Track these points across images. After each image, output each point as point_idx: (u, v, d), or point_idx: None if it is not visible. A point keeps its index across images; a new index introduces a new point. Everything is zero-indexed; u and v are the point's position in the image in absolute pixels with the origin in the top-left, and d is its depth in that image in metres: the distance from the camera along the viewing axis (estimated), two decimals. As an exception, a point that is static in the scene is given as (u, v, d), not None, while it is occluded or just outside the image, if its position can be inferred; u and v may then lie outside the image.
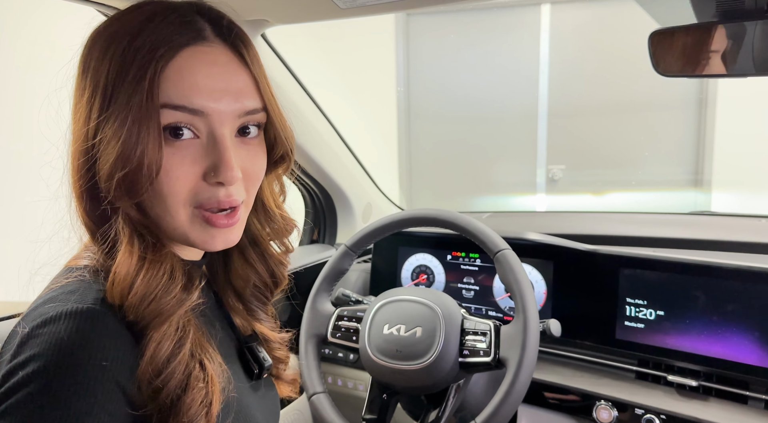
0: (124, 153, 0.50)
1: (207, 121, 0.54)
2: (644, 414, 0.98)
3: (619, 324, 1.07)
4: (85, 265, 0.55)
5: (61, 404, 0.44)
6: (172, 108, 0.52)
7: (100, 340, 0.48)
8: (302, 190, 1.57)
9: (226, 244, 0.59)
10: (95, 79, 0.52)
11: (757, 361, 0.94)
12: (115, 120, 0.50)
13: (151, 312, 0.51)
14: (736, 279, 0.96)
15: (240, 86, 0.56)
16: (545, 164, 3.55)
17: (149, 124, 0.50)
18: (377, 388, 0.98)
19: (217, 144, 0.54)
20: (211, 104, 0.53)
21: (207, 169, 0.54)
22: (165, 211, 0.54)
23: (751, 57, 0.89)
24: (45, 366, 0.45)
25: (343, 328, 1.02)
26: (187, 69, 0.53)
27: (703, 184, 3.22)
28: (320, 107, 1.32)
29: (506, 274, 0.92)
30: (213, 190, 0.54)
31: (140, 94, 0.50)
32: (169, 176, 0.52)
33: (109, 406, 0.47)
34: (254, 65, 0.58)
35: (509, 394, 0.83)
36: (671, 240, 1.22)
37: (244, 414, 0.62)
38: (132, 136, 0.50)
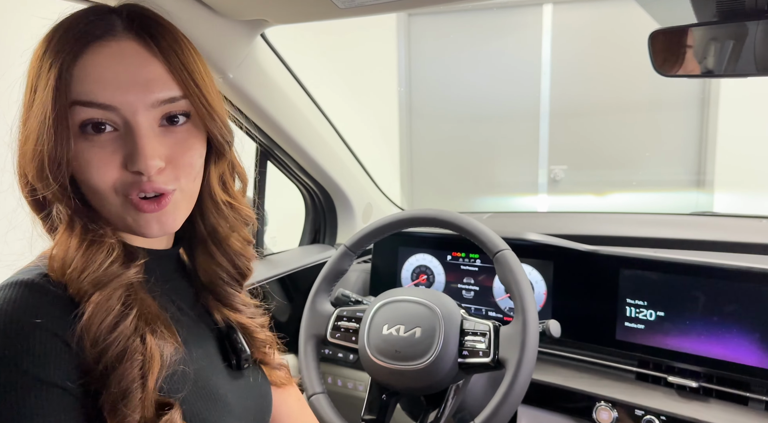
0: (36, 148, 0.54)
1: (120, 114, 0.55)
2: (644, 415, 0.97)
3: (619, 325, 1.07)
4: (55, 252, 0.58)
5: (6, 363, 0.48)
6: (81, 105, 0.54)
7: (35, 303, 0.51)
8: (302, 190, 1.57)
9: (163, 229, 0.60)
10: (29, 77, 0.56)
11: (757, 362, 0.93)
12: (34, 117, 0.54)
13: (87, 283, 0.54)
14: (737, 280, 0.96)
15: (149, 76, 0.57)
16: (547, 164, 3.54)
17: (57, 122, 0.53)
18: (376, 389, 0.98)
19: (132, 134, 0.56)
20: (118, 97, 0.55)
21: (124, 158, 0.56)
22: (100, 201, 0.57)
23: (753, 57, 0.88)
24: None
25: (343, 329, 1.02)
26: (92, 65, 0.55)
27: (705, 184, 3.21)
28: (320, 107, 1.32)
29: (506, 275, 0.92)
30: (135, 177, 0.56)
31: (50, 92, 0.53)
32: (91, 167, 0.55)
33: (54, 357, 0.50)
34: (167, 54, 0.58)
35: (508, 394, 0.83)
36: (672, 240, 1.22)
37: (209, 393, 0.64)
38: (42, 133, 0.53)
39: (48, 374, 0.50)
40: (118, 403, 0.52)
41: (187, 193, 0.62)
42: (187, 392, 0.60)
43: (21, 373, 0.48)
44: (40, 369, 0.49)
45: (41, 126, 0.53)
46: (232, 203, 0.71)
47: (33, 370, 0.49)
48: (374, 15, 0.91)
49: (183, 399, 0.59)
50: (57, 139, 0.53)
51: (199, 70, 0.61)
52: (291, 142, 1.27)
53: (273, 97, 1.15)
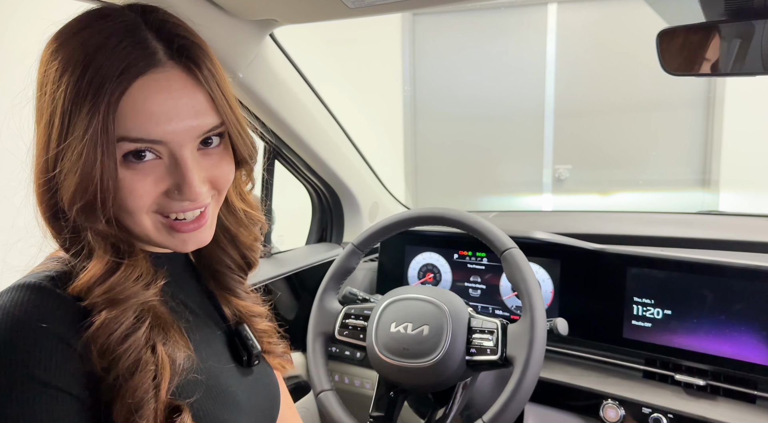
0: (81, 185, 0.52)
1: (166, 147, 0.55)
2: (651, 413, 0.98)
3: (626, 323, 1.07)
4: (59, 256, 0.58)
5: (10, 366, 0.48)
6: (130, 141, 0.53)
7: (42, 307, 0.51)
8: (309, 189, 1.57)
9: (199, 244, 0.61)
10: (52, 104, 0.53)
11: (765, 360, 0.94)
12: (72, 152, 0.52)
13: (101, 297, 0.53)
14: (744, 278, 0.96)
15: (196, 108, 0.56)
16: (551, 164, 3.54)
17: (105, 157, 0.51)
18: (384, 386, 0.99)
19: (179, 165, 0.55)
20: (168, 131, 0.54)
21: (170, 187, 0.56)
22: (132, 222, 0.57)
23: (760, 56, 0.88)
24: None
25: (351, 326, 1.03)
26: (141, 100, 0.53)
27: (710, 184, 3.20)
28: (328, 107, 1.32)
29: (513, 273, 0.92)
30: (176, 201, 0.57)
31: (95, 128, 0.51)
32: (133, 195, 0.54)
33: (58, 361, 0.50)
34: (209, 82, 0.58)
35: (516, 392, 0.84)
36: (679, 239, 1.22)
37: (219, 393, 0.64)
38: (87, 170, 0.51)
39: (53, 379, 0.50)
40: (132, 414, 0.52)
41: (219, 203, 0.64)
42: (199, 395, 0.60)
43: (27, 377, 0.48)
44: (45, 373, 0.49)
45: (86, 163, 0.51)
46: (247, 211, 0.73)
47: (38, 374, 0.49)
48: (383, 14, 0.91)
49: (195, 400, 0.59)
50: (105, 175, 0.52)
51: (229, 90, 0.61)
52: (299, 141, 1.28)
53: (282, 96, 1.16)
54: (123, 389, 0.52)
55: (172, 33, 0.57)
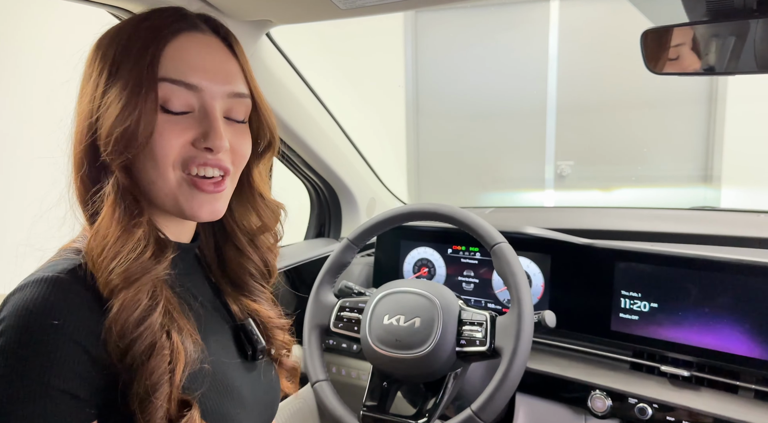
0: (123, 111, 0.56)
1: (200, 97, 0.60)
2: (637, 403, 1.00)
3: (614, 316, 1.09)
4: (74, 247, 0.60)
5: (20, 360, 0.50)
6: (170, 82, 0.59)
7: (57, 302, 0.52)
8: (308, 185, 1.60)
9: (212, 213, 0.64)
10: (103, 61, 0.59)
11: (747, 351, 0.96)
12: (118, 86, 0.57)
13: (117, 275, 0.55)
14: (728, 272, 0.98)
15: (230, 70, 0.64)
16: (554, 160, 3.55)
17: (147, 91, 0.57)
18: (378, 377, 1.02)
19: (208, 115, 0.61)
20: (204, 82, 0.60)
21: (197, 135, 0.60)
22: (156, 175, 0.60)
23: (753, 54, 0.90)
24: (8, 327, 0.51)
25: (345, 319, 1.06)
26: (185, 49, 0.60)
27: (712, 180, 3.21)
28: (325, 105, 1.35)
29: (502, 267, 0.95)
30: (200, 152, 0.61)
31: (141, 66, 0.57)
32: (162, 138, 0.58)
33: (70, 364, 0.51)
34: (241, 57, 0.66)
35: (504, 381, 0.86)
36: (670, 234, 1.24)
37: (224, 386, 0.66)
38: (132, 97, 0.56)
39: (63, 382, 0.51)
40: (148, 397, 0.54)
41: (234, 182, 0.68)
42: (206, 387, 0.62)
43: (37, 378, 0.50)
44: (57, 378, 0.50)
45: (131, 92, 0.56)
46: (269, 200, 0.77)
47: (48, 377, 0.50)
48: (374, 15, 0.94)
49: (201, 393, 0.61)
50: (144, 110, 0.56)
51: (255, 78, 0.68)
52: (296, 138, 1.30)
53: (279, 95, 1.18)
54: (139, 373, 0.54)
55: (212, 18, 0.66)
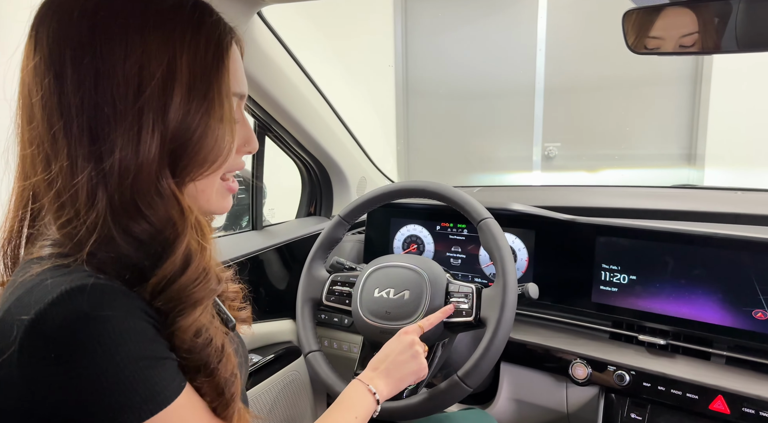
0: (219, 143, 0.56)
1: (240, 103, 0.64)
2: (616, 370, 1.05)
3: (594, 288, 1.14)
4: (50, 253, 0.53)
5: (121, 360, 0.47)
6: (239, 97, 0.61)
7: (117, 300, 0.49)
8: (299, 164, 1.62)
9: (228, 208, 0.66)
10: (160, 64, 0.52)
11: (719, 320, 1.01)
12: (201, 108, 0.54)
13: (182, 302, 0.53)
14: (703, 245, 1.03)
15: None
16: (541, 141, 3.58)
17: (230, 111, 0.58)
18: (368, 347, 1.06)
19: (245, 122, 0.64)
20: (246, 88, 0.64)
21: (241, 142, 0.63)
22: (206, 187, 0.59)
23: (734, 34, 0.93)
24: (75, 339, 0.46)
25: (337, 293, 1.09)
26: (236, 58, 0.61)
27: (696, 159, 3.26)
28: (316, 84, 1.37)
29: (488, 241, 0.99)
30: (238, 158, 0.64)
31: (224, 81, 0.57)
32: (230, 151, 0.60)
33: (151, 334, 0.51)
34: None
35: (488, 349, 0.91)
36: (651, 211, 1.28)
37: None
38: (219, 124, 0.56)
39: (160, 351, 0.52)
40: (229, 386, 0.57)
41: None
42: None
43: (144, 358, 0.49)
44: (153, 349, 0.51)
45: (220, 116, 0.56)
46: None
47: (149, 352, 0.50)
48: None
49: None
50: (230, 127, 0.58)
51: None
52: (288, 117, 1.32)
53: (270, 74, 1.20)
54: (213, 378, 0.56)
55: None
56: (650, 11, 0.93)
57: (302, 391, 1.41)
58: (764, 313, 0.96)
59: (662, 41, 0.95)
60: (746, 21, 0.87)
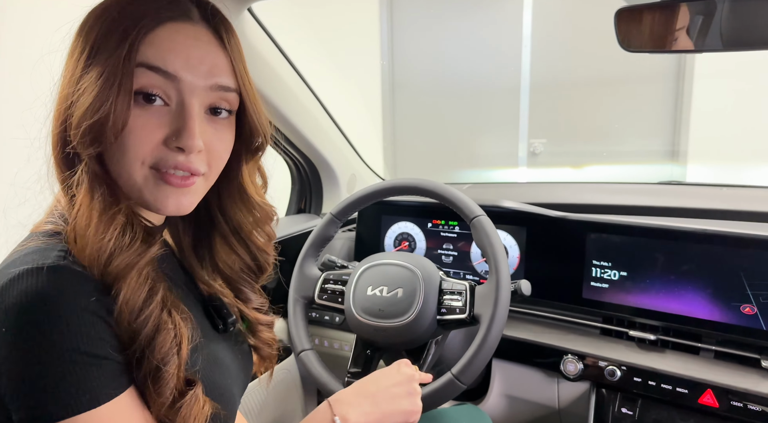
0: (94, 103, 0.54)
1: (178, 89, 0.57)
2: (607, 366, 1.06)
3: (585, 284, 1.15)
4: (47, 229, 0.58)
5: (51, 349, 0.48)
6: (147, 67, 0.56)
7: (69, 286, 0.51)
8: (289, 161, 1.61)
9: (178, 208, 0.61)
10: (84, 42, 0.56)
11: (708, 315, 1.02)
12: (94, 74, 0.54)
13: (113, 268, 0.54)
14: (692, 241, 1.04)
15: (216, 62, 0.60)
16: (527, 138, 3.60)
17: (122, 81, 0.54)
18: (361, 345, 1.05)
19: (184, 111, 0.58)
20: (184, 71, 0.57)
21: (170, 133, 0.58)
22: (123, 168, 0.57)
23: (719, 33, 0.94)
24: (19, 320, 0.48)
25: (330, 291, 1.09)
26: (168, 38, 0.57)
27: (679, 156, 3.30)
28: (306, 81, 1.36)
29: (481, 239, 0.99)
30: (172, 154, 0.58)
31: (119, 52, 0.54)
32: (133, 135, 0.56)
33: (98, 333, 0.51)
34: (233, 49, 0.62)
35: (482, 346, 0.91)
36: (639, 207, 1.29)
37: (214, 360, 0.67)
38: (105, 90, 0.54)
39: (99, 350, 0.51)
40: (159, 370, 0.54)
41: (209, 182, 0.65)
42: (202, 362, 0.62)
43: (78, 353, 0.49)
44: (91, 346, 0.50)
45: (104, 83, 0.54)
46: (262, 199, 0.74)
47: (86, 348, 0.50)
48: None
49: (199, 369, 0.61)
50: (120, 97, 0.54)
51: (248, 70, 0.65)
52: (278, 114, 1.31)
53: (260, 70, 1.19)
54: (149, 350, 0.54)
55: (208, 3, 0.63)
56: (642, 10, 0.94)
57: (293, 390, 1.40)
58: (752, 307, 0.98)
59: (654, 40, 0.96)
60: (741, 20, 0.88)
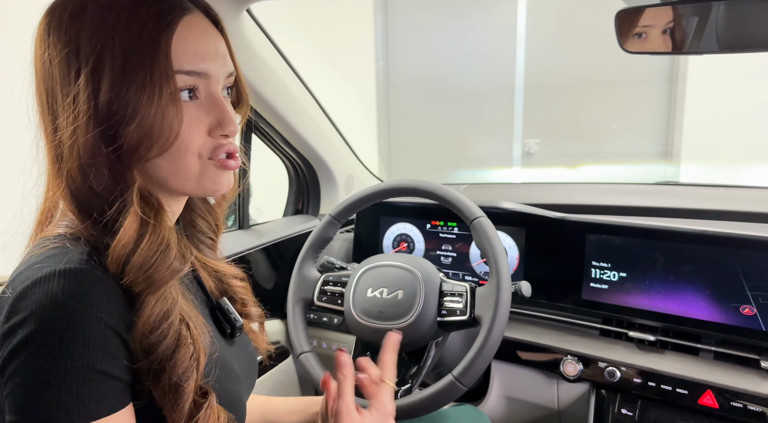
0: (148, 114, 0.53)
1: (206, 83, 0.59)
2: (607, 367, 1.06)
3: (585, 285, 1.15)
4: (60, 233, 0.57)
5: (64, 354, 0.48)
6: (185, 74, 0.56)
7: (91, 293, 0.51)
8: (286, 162, 1.60)
9: (229, 186, 0.64)
10: (94, 49, 0.53)
11: (707, 316, 1.03)
12: (135, 89, 0.53)
13: (147, 279, 0.54)
14: (692, 242, 1.05)
15: (223, 51, 0.62)
16: (521, 138, 3.61)
17: (169, 91, 0.54)
18: (361, 347, 1.05)
19: (218, 103, 0.60)
20: (211, 67, 0.59)
21: (211, 125, 0.60)
22: (178, 169, 0.58)
23: (715, 35, 0.94)
24: (42, 322, 0.48)
25: (329, 293, 1.08)
26: (189, 36, 0.57)
27: (672, 156, 3.32)
28: (304, 82, 1.35)
29: (482, 240, 0.99)
30: (219, 141, 0.60)
31: (158, 61, 0.54)
32: (184, 132, 0.57)
33: (110, 349, 0.51)
34: (224, 34, 0.64)
35: (483, 348, 0.90)
36: (637, 208, 1.30)
37: (225, 368, 0.67)
38: (154, 99, 0.54)
39: (104, 364, 0.50)
40: (180, 386, 0.54)
41: None
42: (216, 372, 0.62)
43: (79, 362, 0.49)
44: (95, 358, 0.50)
45: (151, 96, 0.53)
46: None
47: (89, 360, 0.49)
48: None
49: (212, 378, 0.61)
50: (171, 109, 0.55)
51: None
52: (276, 115, 1.30)
53: (259, 71, 1.18)
54: (168, 365, 0.54)
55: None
56: (643, 11, 0.94)
57: (291, 392, 1.39)
58: (751, 308, 0.98)
59: (652, 41, 0.96)
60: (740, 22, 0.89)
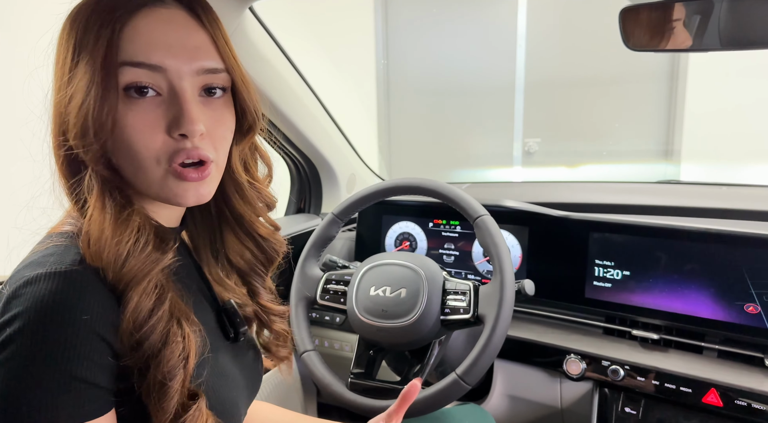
0: (81, 107, 0.53)
1: (166, 77, 0.56)
2: (610, 365, 1.06)
3: (588, 284, 1.15)
4: (65, 230, 0.57)
5: (46, 357, 0.48)
6: (131, 65, 0.54)
7: (80, 297, 0.50)
8: (288, 161, 1.60)
9: (198, 198, 0.60)
10: (66, 47, 0.56)
11: (711, 314, 1.03)
12: (80, 75, 0.54)
13: (127, 272, 0.53)
14: (695, 240, 1.04)
15: (196, 44, 0.58)
16: (521, 137, 3.61)
17: (107, 81, 0.53)
18: (364, 346, 1.05)
19: (177, 97, 0.56)
20: (167, 60, 0.56)
21: (169, 122, 0.56)
22: (138, 169, 0.57)
23: (717, 32, 0.94)
24: (28, 323, 0.48)
25: (332, 291, 1.08)
26: (144, 27, 0.55)
27: (673, 155, 3.32)
28: (306, 80, 1.35)
29: (485, 238, 0.98)
30: (179, 144, 0.57)
31: (99, 52, 0.54)
32: (134, 130, 0.55)
33: (93, 356, 0.50)
34: (212, 26, 0.60)
35: (487, 347, 0.90)
36: (639, 207, 1.30)
37: (222, 372, 0.66)
38: (90, 91, 0.53)
39: (87, 372, 0.50)
40: (165, 384, 0.53)
41: (221, 167, 0.63)
42: (207, 374, 0.61)
43: (61, 369, 0.48)
44: (79, 367, 0.49)
45: (89, 85, 0.53)
46: (253, 183, 0.72)
47: (72, 368, 0.49)
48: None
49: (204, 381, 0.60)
50: (104, 97, 0.53)
51: (231, 42, 0.63)
52: (280, 114, 1.30)
53: (261, 69, 1.18)
54: (155, 361, 0.53)
55: None
56: (647, 8, 0.94)
57: (292, 391, 1.39)
58: (755, 306, 0.98)
59: (659, 38, 0.96)
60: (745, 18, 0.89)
